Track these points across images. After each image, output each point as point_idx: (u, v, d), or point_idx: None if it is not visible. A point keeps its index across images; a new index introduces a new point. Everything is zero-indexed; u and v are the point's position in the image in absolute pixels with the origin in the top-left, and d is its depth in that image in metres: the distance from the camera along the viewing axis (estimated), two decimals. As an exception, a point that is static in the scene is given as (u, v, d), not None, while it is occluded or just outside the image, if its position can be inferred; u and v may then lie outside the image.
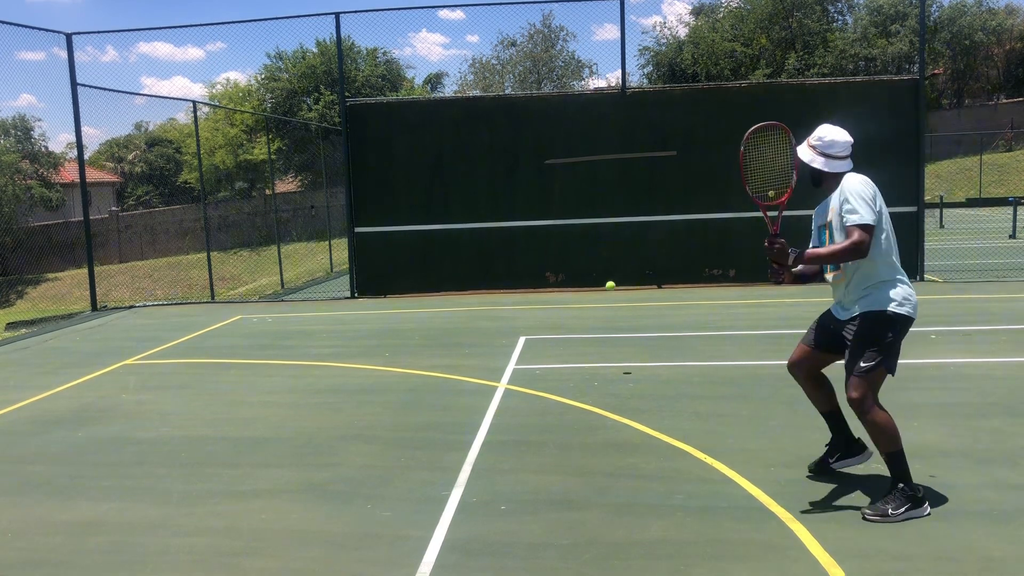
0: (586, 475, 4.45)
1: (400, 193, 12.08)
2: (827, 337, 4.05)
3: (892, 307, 3.77)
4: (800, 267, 3.88)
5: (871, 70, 36.96)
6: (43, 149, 35.46)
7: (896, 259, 3.88)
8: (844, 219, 3.75)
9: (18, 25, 11.08)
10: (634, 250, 11.84)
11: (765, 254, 3.75)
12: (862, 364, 3.76)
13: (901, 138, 11.52)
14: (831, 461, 4.25)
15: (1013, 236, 18.23)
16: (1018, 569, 3.27)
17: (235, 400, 6.43)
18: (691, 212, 11.71)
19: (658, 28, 43.25)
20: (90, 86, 12.30)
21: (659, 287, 11.83)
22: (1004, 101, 40.46)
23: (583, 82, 39.56)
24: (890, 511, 3.72)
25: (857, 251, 3.68)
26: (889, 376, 3.86)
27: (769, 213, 3.92)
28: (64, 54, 11.88)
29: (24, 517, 4.19)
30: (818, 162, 3.92)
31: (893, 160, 11.51)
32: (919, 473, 4.26)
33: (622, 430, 5.21)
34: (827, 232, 3.96)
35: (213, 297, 14.46)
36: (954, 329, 8.03)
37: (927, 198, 13.63)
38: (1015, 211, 18.61)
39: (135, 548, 3.77)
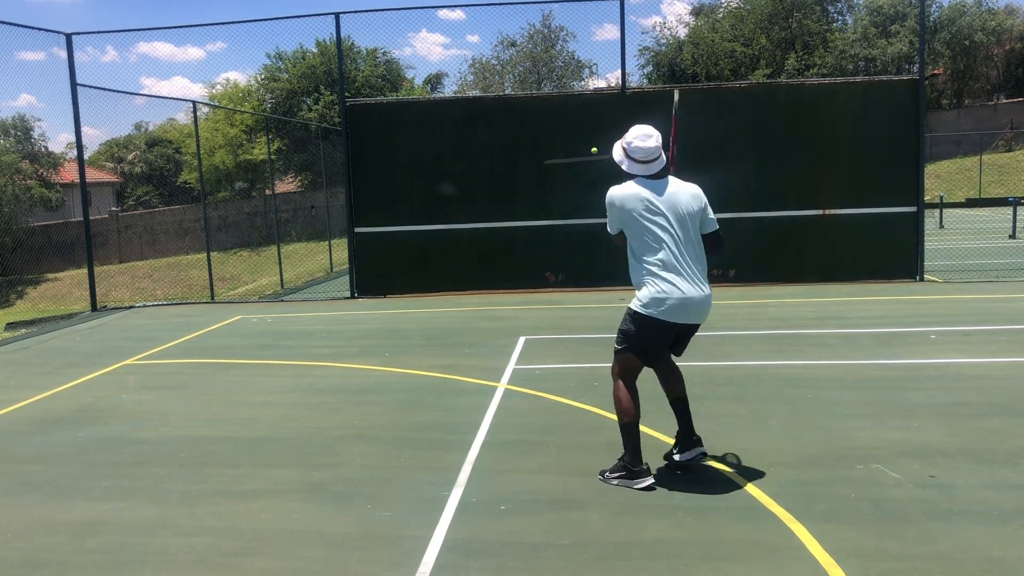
0: (586, 475, 4.45)
1: (400, 193, 12.08)
2: None
3: (636, 306, 4.18)
4: None
5: (871, 70, 36.96)
6: (43, 149, 35.46)
7: (651, 260, 4.10)
8: None
9: (18, 25, 11.08)
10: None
11: None
12: (616, 346, 4.37)
13: (901, 138, 11.52)
14: (675, 452, 4.47)
15: (1013, 236, 18.23)
16: (1018, 569, 3.27)
17: (235, 400, 6.43)
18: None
19: (658, 28, 43.32)
20: (90, 86, 12.30)
21: (659, 287, 11.81)
22: (1004, 101, 40.46)
23: (583, 82, 39.56)
24: (607, 474, 4.30)
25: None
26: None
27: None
28: (64, 54, 11.88)
29: (24, 517, 4.19)
30: (626, 164, 4.42)
31: (893, 160, 11.52)
32: (919, 473, 4.27)
33: (622, 430, 5.20)
34: None
35: (213, 297, 14.46)
36: (954, 329, 8.03)
37: (927, 198, 13.63)
38: (1015, 211, 18.61)
39: (135, 548, 3.77)
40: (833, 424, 5.17)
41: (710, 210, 4.27)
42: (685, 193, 4.21)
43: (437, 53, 55.63)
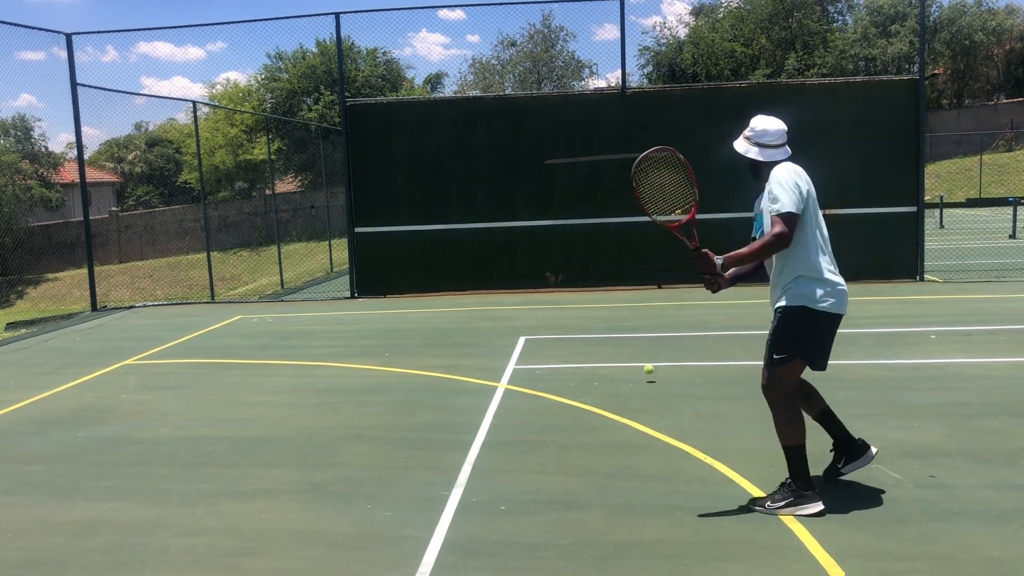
0: (586, 475, 4.45)
1: (400, 193, 12.08)
2: None
3: (808, 303, 3.73)
4: (733, 270, 3.86)
5: (871, 70, 36.97)
6: (43, 149, 35.46)
7: (819, 252, 3.77)
8: (769, 208, 3.75)
9: (18, 25, 11.09)
10: (634, 250, 11.83)
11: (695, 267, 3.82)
12: (775, 356, 3.79)
13: (901, 138, 11.52)
14: (839, 467, 4.13)
15: (1013, 236, 18.23)
16: (1018, 569, 3.27)
17: (235, 400, 6.43)
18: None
19: (658, 28, 43.28)
20: (90, 86, 12.31)
21: (659, 287, 11.83)
22: (1004, 101, 40.47)
23: (583, 82, 39.57)
24: (768, 504, 3.82)
25: (779, 242, 3.66)
26: (812, 370, 3.84)
27: (684, 233, 3.99)
28: (64, 54, 11.88)
29: (24, 517, 4.19)
30: (752, 152, 3.90)
31: (893, 160, 11.51)
32: (919, 473, 4.27)
33: (622, 430, 5.21)
34: (758, 224, 3.96)
35: (213, 297, 14.46)
36: (954, 329, 8.03)
37: (927, 198, 13.62)
38: (1015, 211, 18.61)
39: (135, 548, 3.77)
40: (833, 424, 5.16)
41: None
42: None
43: (437, 53, 55.65)
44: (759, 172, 3.93)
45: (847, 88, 11.77)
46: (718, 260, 3.75)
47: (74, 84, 11.92)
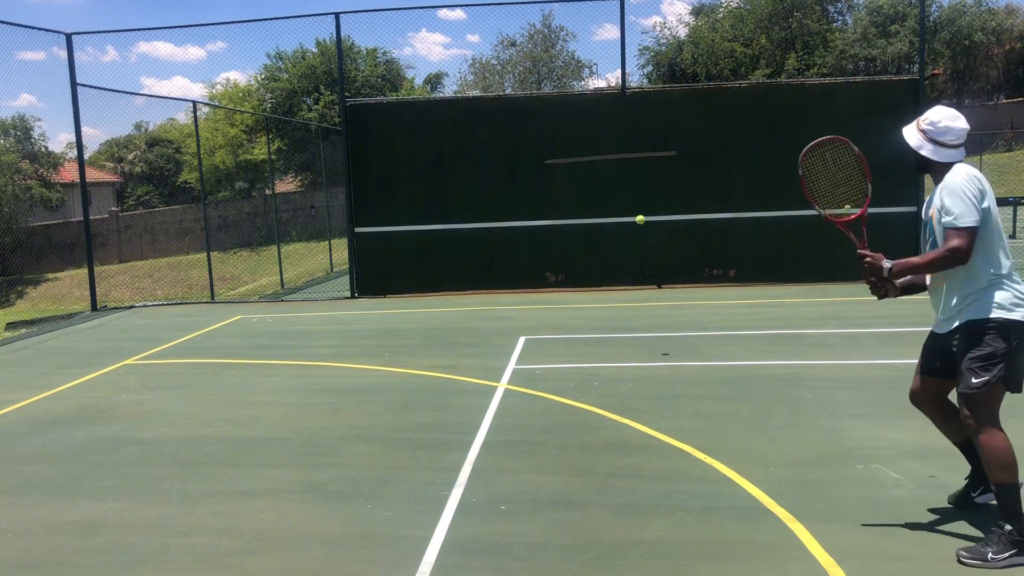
0: (586, 475, 4.45)
1: (400, 193, 12.08)
2: (932, 359, 3.62)
3: (999, 313, 3.33)
4: (905, 279, 3.60)
5: (871, 70, 36.96)
6: (43, 149, 35.43)
7: (1002, 258, 3.44)
8: (942, 220, 3.41)
9: (18, 25, 11.09)
10: (634, 250, 11.84)
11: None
12: (973, 381, 3.34)
13: (901, 138, 11.51)
14: (974, 495, 3.77)
15: (1013, 236, 18.23)
16: (1018, 569, 3.27)
17: (235, 400, 6.43)
18: (691, 212, 11.71)
19: (658, 28, 43.19)
20: (90, 86, 12.31)
21: (659, 287, 11.83)
22: (1004, 101, 40.45)
23: (583, 82, 39.55)
24: (990, 555, 3.27)
25: (954, 258, 3.33)
26: (1009, 393, 3.41)
27: (852, 230, 3.76)
28: (64, 54, 11.89)
29: (24, 517, 4.19)
30: (927, 149, 3.55)
31: (893, 160, 11.49)
32: (919, 473, 4.27)
33: (622, 430, 5.21)
34: (928, 229, 3.61)
35: (213, 297, 14.46)
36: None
37: (928, 198, 13.61)
38: (1015, 211, 18.60)
39: (135, 548, 3.77)
40: (833, 424, 5.16)
41: None
42: None
43: (437, 53, 55.62)
44: (928, 169, 3.61)
45: (847, 88, 11.77)
46: (887, 264, 3.50)
47: (74, 84, 11.92)
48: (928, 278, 3.60)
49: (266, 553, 3.68)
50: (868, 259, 3.56)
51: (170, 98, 48.68)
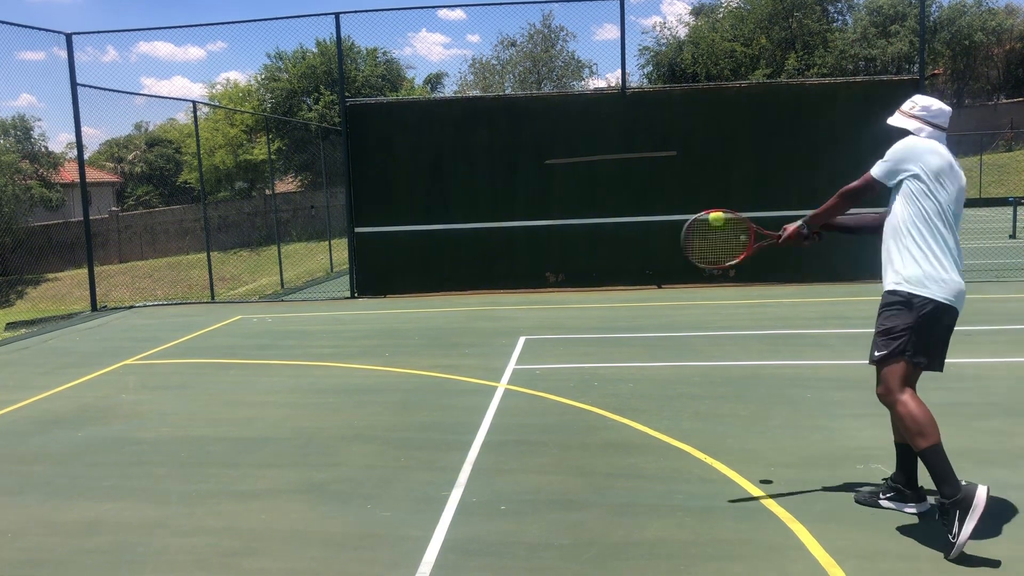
0: (586, 475, 4.45)
1: (400, 193, 12.08)
2: None
3: (909, 287, 3.41)
4: (823, 223, 3.91)
5: (871, 70, 36.96)
6: (43, 149, 35.45)
7: (940, 238, 3.45)
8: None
9: (18, 25, 11.09)
10: (634, 250, 11.84)
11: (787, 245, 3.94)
12: (875, 354, 3.48)
13: (901, 138, 11.51)
14: (881, 496, 3.84)
15: (1013, 236, 18.23)
16: (1018, 569, 3.27)
17: (235, 400, 6.43)
18: (691, 212, 11.63)
19: (658, 28, 43.26)
20: (90, 86, 12.31)
21: (659, 287, 11.83)
22: (1004, 101, 40.46)
23: (583, 82, 39.56)
24: (951, 538, 3.27)
25: (845, 196, 3.67)
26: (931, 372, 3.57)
27: (757, 243, 4.07)
28: (64, 54, 11.88)
29: (24, 517, 4.19)
30: (925, 132, 3.74)
31: (893, 160, 11.50)
32: (920, 473, 4.26)
33: (622, 430, 5.21)
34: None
35: (213, 297, 14.46)
36: (954, 329, 8.00)
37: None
38: (1015, 211, 18.60)
39: (135, 548, 3.77)
40: (833, 424, 5.16)
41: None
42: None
43: (437, 53, 55.63)
44: None
45: (847, 88, 11.77)
46: (801, 226, 3.87)
47: (74, 84, 11.92)
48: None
49: (266, 553, 3.68)
50: (784, 236, 3.92)
51: (170, 98, 48.63)
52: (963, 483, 3.30)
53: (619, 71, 12.15)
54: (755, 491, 4.11)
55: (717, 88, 12.98)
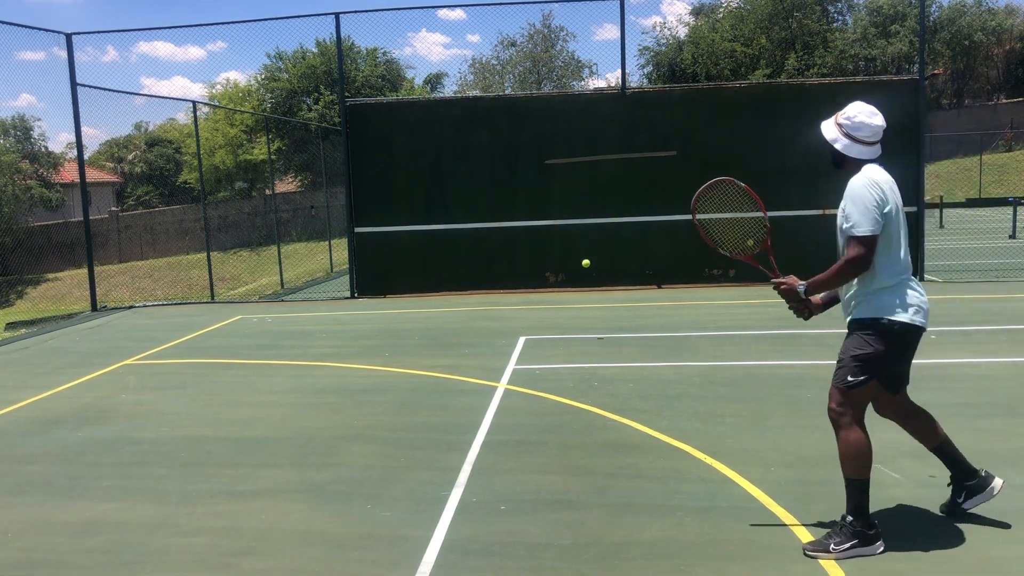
0: (586, 475, 4.45)
1: (400, 193, 12.08)
2: None
3: (883, 314, 3.39)
4: (824, 294, 3.64)
5: (871, 70, 36.96)
6: (43, 149, 35.47)
7: (900, 260, 3.45)
8: (843, 226, 3.46)
9: (18, 25, 11.08)
10: (634, 250, 11.84)
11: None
12: (849, 379, 3.42)
13: (901, 138, 11.51)
14: (959, 501, 3.72)
15: (1013, 236, 18.23)
16: (1018, 569, 3.27)
17: (235, 400, 6.43)
18: (691, 212, 11.69)
19: (658, 28, 43.22)
20: (90, 86, 12.30)
21: (659, 287, 11.83)
22: (1004, 101, 40.45)
23: (583, 82, 39.56)
24: (832, 546, 3.40)
25: (854, 268, 3.38)
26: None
27: (760, 263, 3.82)
28: (64, 54, 11.88)
29: (24, 517, 4.19)
30: (841, 144, 3.52)
31: (893, 160, 11.49)
32: (919, 473, 4.27)
33: (622, 430, 5.21)
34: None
35: (213, 297, 14.45)
36: (954, 329, 8.02)
37: (927, 198, 13.63)
38: (1015, 211, 18.60)
39: (135, 548, 3.77)
40: (833, 424, 5.16)
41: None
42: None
43: (437, 53, 55.65)
44: (842, 166, 3.58)
45: (847, 88, 11.76)
46: (801, 287, 3.55)
47: (74, 84, 11.92)
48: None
49: (266, 553, 3.68)
50: (783, 286, 3.61)
51: (170, 98, 48.71)
52: (879, 530, 3.45)
53: (619, 71, 12.17)
54: (755, 491, 4.11)
55: (717, 88, 12.98)
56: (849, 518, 3.43)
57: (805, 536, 3.60)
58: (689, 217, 4.06)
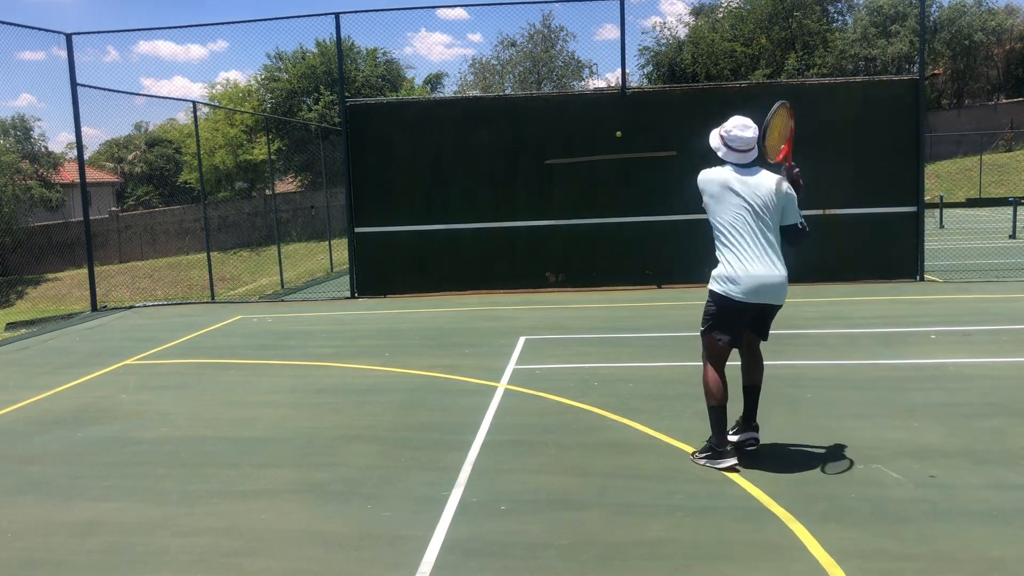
0: (586, 475, 4.45)
1: (400, 193, 12.08)
2: None
3: (711, 284, 4.47)
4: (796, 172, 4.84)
5: (871, 70, 36.98)
6: (43, 149, 35.47)
7: (732, 244, 4.44)
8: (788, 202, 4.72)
9: (18, 25, 11.07)
10: (634, 250, 11.84)
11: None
12: (702, 328, 4.54)
13: (901, 138, 11.51)
14: (730, 431, 4.62)
15: (1013, 236, 18.22)
16: (1018, 569, 3.27)
17: (235, 400, 6.43)
18: (691, 212, 11.67)
19: (658, 28, 43.22)
20: (90, 86, 12.29)
21: (659, 287, 11.83)
22: (1004, 101, 40.45)
23: (583, 82, 39.56)
24: (695, 454, 4.54)
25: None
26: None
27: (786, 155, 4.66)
28: (64, 54, 11.88)
29: (24, 517, 4.19)
30: (722, 152, 4.65)
31: (893, 160, 11.51)
32: (918, 473, 4.27)
33: (622, 430, 5.21)
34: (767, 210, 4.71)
35: (213, 297, 14.46)
36: (954, 329, 8.02)
37: (927, 198, 13.62)
38: (1015, 211, 18.60)
39: (135, 548, 3.77)
40: (833, 424, 5.16)
41: (795, 205, 4.61)
42: (769, 184, 4.49)
43: (437, 53, 55.59)
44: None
45: (847, 88, 11.76)
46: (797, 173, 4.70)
47: (74, 84, 11.92)
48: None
49: (266, 553, 3.68)
50: (795, 172, 4.75)
51: (170, 98, 48.59)
52: (729, 448, 4.44)
53: (619, 71, 12.16)
54: (755, 491, 4.11)
55: (717, 88, 12.98)
56: (710, 436, 4.45)
57: (805, 536, 3.60)
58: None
